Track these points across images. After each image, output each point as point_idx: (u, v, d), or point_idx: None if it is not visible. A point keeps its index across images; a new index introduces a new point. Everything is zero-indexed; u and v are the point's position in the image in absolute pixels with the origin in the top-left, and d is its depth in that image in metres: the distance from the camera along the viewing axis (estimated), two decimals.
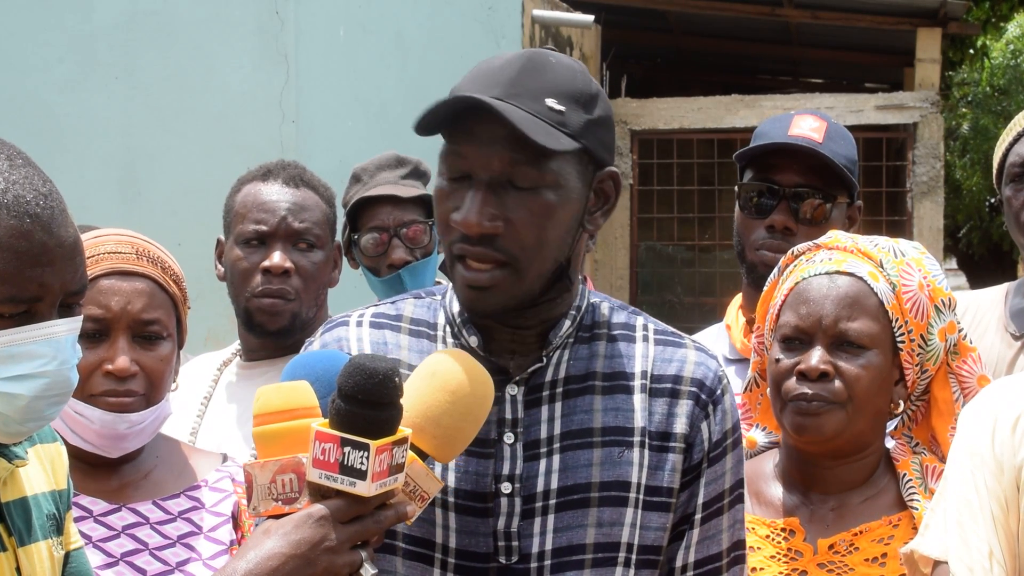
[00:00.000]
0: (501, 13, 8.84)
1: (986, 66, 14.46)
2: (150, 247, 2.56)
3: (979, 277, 15.09)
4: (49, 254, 1.82)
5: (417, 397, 1.97)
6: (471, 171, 2.04)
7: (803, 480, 2.61)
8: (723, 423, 2.18)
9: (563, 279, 2.12)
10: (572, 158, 2.06)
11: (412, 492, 1.97)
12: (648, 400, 2.15)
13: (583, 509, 2.10)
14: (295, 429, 1.91)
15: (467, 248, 2.05)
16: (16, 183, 1.82)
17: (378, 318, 2.22)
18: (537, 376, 2.14)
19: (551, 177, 2.04)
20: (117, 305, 2.47)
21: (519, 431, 2.12)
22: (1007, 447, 2.24)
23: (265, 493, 1.91)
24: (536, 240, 2.05)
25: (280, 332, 3.21)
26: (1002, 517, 2.22)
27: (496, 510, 2.10)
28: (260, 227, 3.20)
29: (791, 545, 2.55)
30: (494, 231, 2.04)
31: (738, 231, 3.24)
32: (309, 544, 1.87)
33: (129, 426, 2.45)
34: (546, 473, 2.11)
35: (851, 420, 2.53)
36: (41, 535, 2.02)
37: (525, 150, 2.01)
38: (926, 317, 2.58)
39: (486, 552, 2.10)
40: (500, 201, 2.04)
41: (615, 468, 2.12)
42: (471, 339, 2.15)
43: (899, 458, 2.62)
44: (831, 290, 2.55)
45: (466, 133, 2.04)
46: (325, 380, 1.97)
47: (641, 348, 2.19)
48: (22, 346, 1.82)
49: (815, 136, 3.15)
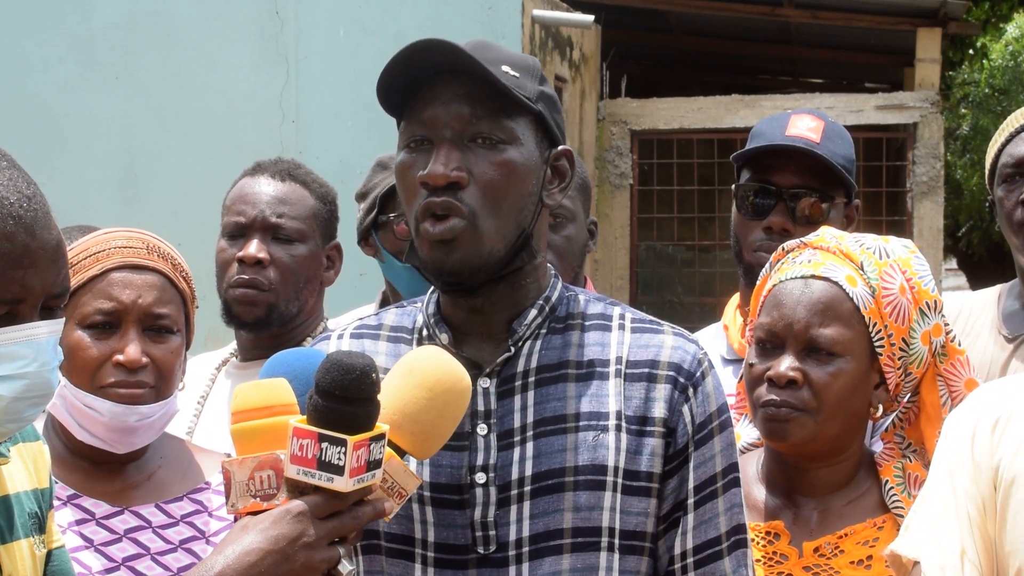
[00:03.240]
0: (501, 13, 8.85)
1: (985, 67, 14.45)
2: (160, 244, 2.57)
3: (979, 277, 15.08)
4: (31, 256, 1.82)
5: (395, 394, 1.97)
6: (432, 133, 2.11)
7: (785, 482, 2.61)
8: (706, 405, 2.18)
9: (528, 248, 2.15)
10: (529, 124, 2.14)
11: (390, 489, 1.98)
12: (623, 384, 2.16)
13: (558, 494, 2.11)
14: (273, 426, 1.92)
15: (432, 201, 2.09)
16: (0, 185, 1.83)
17: (360, 329, 2.26)
18: (509, 367, 2.16)
19: (511, 133, 2.11)
20: (128, 297, 2.47)
21: (492, 422, 2.14)
22: (986, 448, 2.24)
23: (243, 490, 1.92)
24: (496, 193, 2.10)
25: (257, 324, 3.19)
26: (979, 519, 2.22)
27: (472, 501, 2.12)
28: (239, 219, 3.21)
29: (776, 548, 2.54)
30: (459, 179, 2.09)
31: (735, 232, 3.23)
32: (287, 540, 1.88)
33: (139, 418, 2.45)
34: (520, 461, 2.12)
35: (821, 427, 2.52)
36: (23, 533, 2.02)
37: (485, 105, 2.09)
38: (908, 321, 2.56)
39: (464, 543, 2.11)
40: (463, 155, 2.10)
41: (590, 452, 2.13)
42: (442, 336, 2.18)
43: (882, 463, 2.61)
44: (804, 295, 2.54)
45: (426, 98, 2.11)
46: (303, 377, 1.98)
47: (617, 336, 2.20)
48: (3, 347, 1.82)
49: (812, 136, 3.13)
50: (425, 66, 2.11)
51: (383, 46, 7.36)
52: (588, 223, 3.70)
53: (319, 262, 3.27)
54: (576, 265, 3.56)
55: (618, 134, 11.50)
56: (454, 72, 2.10)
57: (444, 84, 2.10)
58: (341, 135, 6.94)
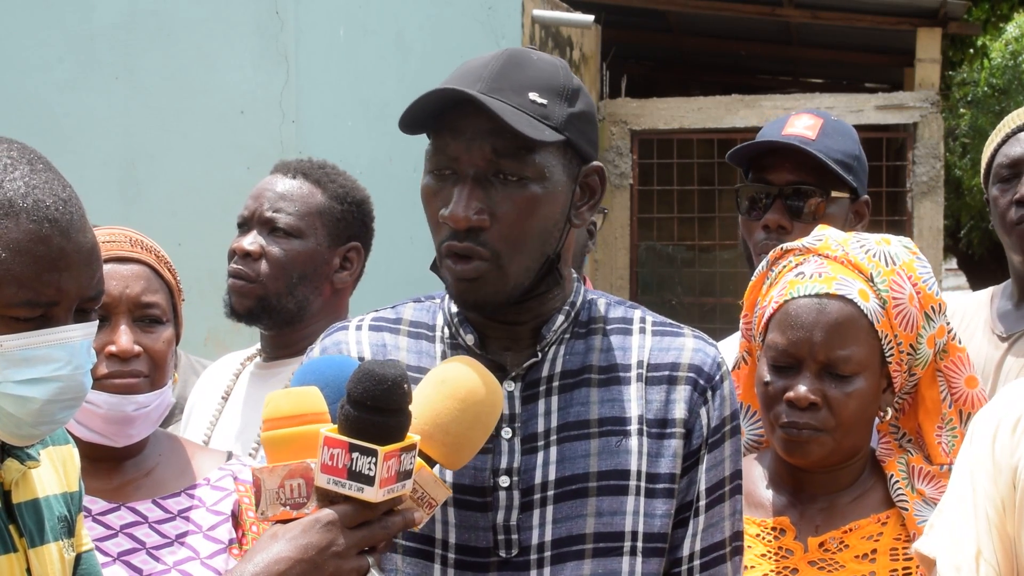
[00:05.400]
0: (501, 13, 8.84)
1: (985, 66, 14.46)
2: (142, 238, 2.60)
3: (979, 277, 15.09)
4: (67, 259, 1.83)
5: (426, 404, 1.97)
6: (456, 166, 2.08)
7: (793, 484, 2.63)
8: (721, 409, 2.19)
9: (553, 273, 2.14)
10: (556, 151, 2.09)
11: (420, 499, 1.98)
12: (645, 388, 2.17)
13: (581, 499, 2.12)
14: (304, 434, 1.92)
15: (454, 244, 2.09)
16: (36, 187, 1.83)
17: (378, 321, 2.24)
18: (533, 372, 2.16)
19: (536, 169, 2.07)
20: (115, 289, 2.49)
21: (516, 426, 2.13)
22: (1006, 448, 2.25)
23: (273, 498, 1.92)
24: (520, 233, 2.08)
25: (249, 315, 3.22)
26: (997, 519, 2.22)
27: (495, 504, 2.12)
28: (244, 212, 3.29)
29: (782, 544, 2.57)
30: (480, 224, 2.07)
31: (742, 235, 3.26)
32: (316, 549, 1.88)
33: (136, 407, 2.46)
34: (543, 465, 2.12)
35: (839, 443, 2.55)
36: (52, 537, 2.02)
37: (509, 142, 2.05)
38: (915, 328, 2.58)
39: (486, 546, 2.11)
40: (486, 194, 2.07)
41: (612, 457, 2.13)
42: (468, 338, 2.17)
43: (885, 459, 2.63)
44: (821, 316, 2.53)
45: (451, 129, 2.08)
46: (335, 386, 1.97)
47: (638, 340, 2.20)
48: (37, 350, 1.83)
49: (808, 134, 3.16)
50: (448, 101, 2.07)
51: (383, 46, 7.37)
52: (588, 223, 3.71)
53: (321, 260, 3.25)
54: (575, 266, 3.57)
55: (618, 134, 11.49)
56: (478, 106, 2.05)
57: (468, 117, 2.06)
58: (341, 135, 6.93)
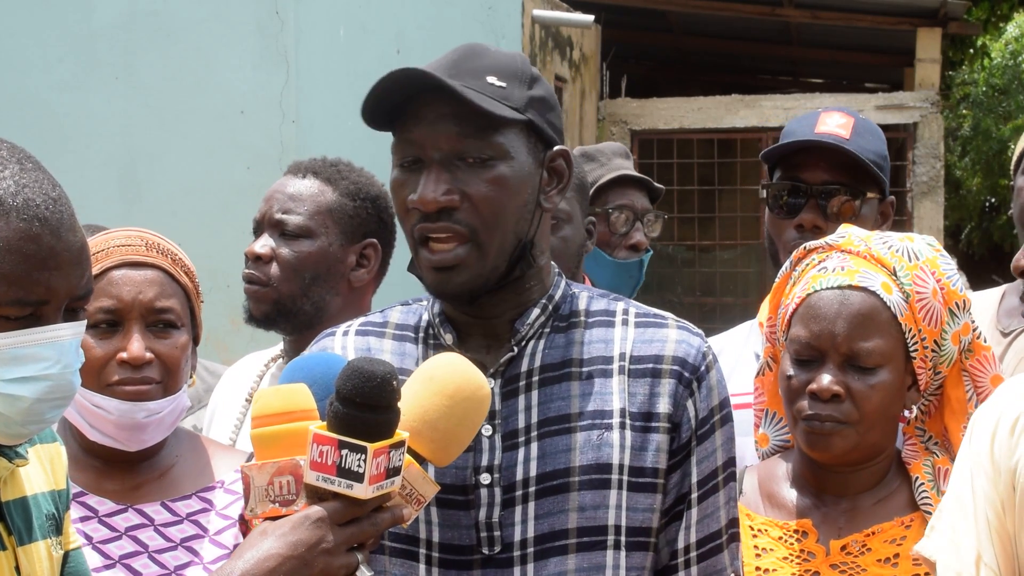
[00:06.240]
0: (501, 13, 8.85)
1: (985, 66, 14.46)
2: (159, 240, 2.58)
3: (979, 277, 15.08)
4: (56, 258, 1.83)
5: (415, 401, 1.97)
6: (422, 153, 2.10)
7: (816, 483, 2.61)
8: (709, 399, 2.19)
9: (526, 257, 2.15)
10: (519, 133, 2.12)
11: (409, 495, 1.98)
12: (627, 381, 2.17)
13: (563, 494, 2.12)
14: (293, 431, 1.92)
15: (428, 226, 2.10)
16: (26, 187, 1.84)
17: (365, 326, 2.27)
18: (513, 367, 2.16)
19: (500, 149, 2.10)
20: (128, 295, 2.47)
21: (497, 423, 2.14)
22: (1005, 449, 2.24)
23: (262, 495, 1.92)
24: (493, 211, 2.10)
25: (266, 320, 3.20)
26: (996, 522, 2.21)
27: (477, 501, 2.12)
28: (257, 216, 3.26)
29: (804, 546, 2.55)
30: (450, 204, 2.08)
31: (769, 233, 3.20)
32: (306, 546, 1.88)
33: (147, 415, 2.45)
34: (524, 461, 2.13)
35: (862, 437, 2.53)
36: (40, 535, 2.03)
37: (471, 123, 2.07)
38: (940, 324, 2.56)
39: (470, 544, 2.12)
40: (453, 176, 2.09)
41: (594, 451, 2.13)
42: (446, 336, 2.18)
43: (911, 461, 2.61)
44: (843, 307, 2.52)
45: (413, 118, 2.10)
46: (323, 383, 1.98)
47: (620, 332, 2.20)
48: (26, 348, 1.83)
49: (842, 132, 3.12)
50: (408, 88, 2.10)
51: (383, 46, 7.37)
52: (586, 223, 3.70)
53: (335, 259, 3.21)
54: (572, 266, 3.56)
55: (618, 134, 11.49)
56: (438, 90, 2.08)
57: (430, 104, 2.09)
58: (341, 135, 6.93)
